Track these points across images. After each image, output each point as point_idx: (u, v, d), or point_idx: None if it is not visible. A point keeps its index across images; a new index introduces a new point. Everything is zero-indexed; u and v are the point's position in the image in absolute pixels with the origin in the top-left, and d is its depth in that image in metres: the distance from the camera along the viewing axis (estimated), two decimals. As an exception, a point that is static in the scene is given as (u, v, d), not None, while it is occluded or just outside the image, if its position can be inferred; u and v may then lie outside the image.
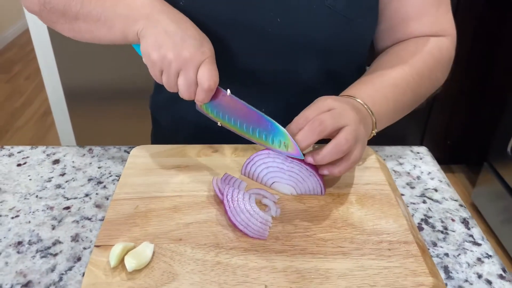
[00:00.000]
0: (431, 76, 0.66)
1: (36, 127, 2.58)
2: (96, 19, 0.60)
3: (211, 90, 0.56)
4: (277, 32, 0.63)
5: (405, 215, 0.56)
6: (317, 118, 0.53)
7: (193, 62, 0.55)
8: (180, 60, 0.55)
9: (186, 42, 0.55)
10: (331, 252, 0.50)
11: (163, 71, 0.57)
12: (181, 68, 0.55)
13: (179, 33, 0.55)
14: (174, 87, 0.57)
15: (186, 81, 0.56)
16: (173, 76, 0.56)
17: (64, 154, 0.70)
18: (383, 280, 0.47)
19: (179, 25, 0.56)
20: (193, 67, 0.55)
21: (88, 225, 0.57)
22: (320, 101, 0.56)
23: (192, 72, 0.55)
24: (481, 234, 0.57)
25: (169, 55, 0.55)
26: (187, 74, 0.55)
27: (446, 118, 2.08)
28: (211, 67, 0.55)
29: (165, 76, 0.57)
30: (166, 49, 0.55)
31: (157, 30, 0.56)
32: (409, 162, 0.70)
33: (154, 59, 0.56)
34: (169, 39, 0.55)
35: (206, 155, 0.66)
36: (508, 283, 0.50)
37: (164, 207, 0.56)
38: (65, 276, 0.50)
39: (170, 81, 0.57)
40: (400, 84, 0.63)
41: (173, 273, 0.48)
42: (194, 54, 0.55)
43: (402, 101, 0.64)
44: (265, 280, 0.47)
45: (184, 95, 0.57)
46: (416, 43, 0.67)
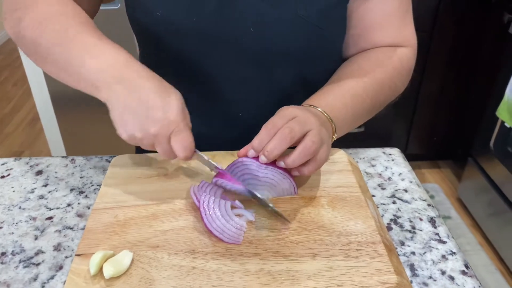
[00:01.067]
0: (390, 86, 0.70)
1: (25, 133, 2.58)
2: (63, 68, 0.57)
3: (188, 158, 0.56)
4: (251, 42, 0.65)
5: (374, 216, 0.59)
6: (286, 126, 0.55)
7: (162, 137, 0.54)
8: (149, 138, 0.54)
9: (149, 118, 0.53)
10: (302, 254, 0.53)
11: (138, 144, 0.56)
12: (153, 143, 0.55)
13: (140, 108, 0.53)
14: None
15: (163, 152, 0.56)
16: (150, 148, 0.56)
17: (47, 164, 0.72)
18: (350, 280, 0.50)
19: (139, 95, 0.53)
20: (164, 141, 0.54)
21: (70, 234, 0.59)
22: (284, 110, 0.58)
23: (166, 144, 0.55)
24: (447, 232, 0.60)
25: (138, 135, 0.54)
26: (161, 147, 0.55)
27: (431, 115, 2.12)
28: (181, 137, 0.54)
29: (144, 147, 0.56)
30: (132, 129, 0.54)
31: (120, 106, 0.54)
32: (381, 163, 0.73)
33: (125, 138, 0.55)
34: (131, 116, 0.53)
35: (185, 164, 0.68)
36: (470, 278, 0.53)
37: (142, 215, 0.58)
38: (47, 285, 0.52)
39: (150, 149, 0.57)
40: (360, 93, 0.66)
41: (150, 279, 0.50)
42: (160, 130, 0.53)
43: (361, 109, 0.67)
44: (238, 283, 0.50)
45: (166, 158, 0.58)
46: (378, 53, 0.70)
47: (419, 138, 2.16)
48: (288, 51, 0.67)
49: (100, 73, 0.54)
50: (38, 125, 2.57)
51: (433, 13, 1.86)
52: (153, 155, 0.69)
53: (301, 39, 0.66)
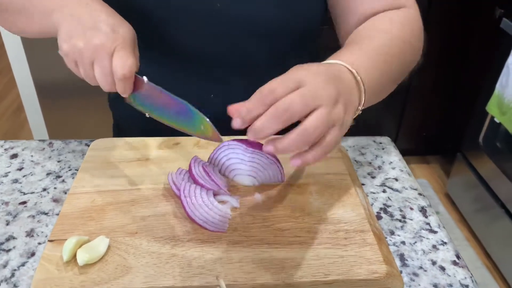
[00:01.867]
0: (410, 43, 0.61)
1: (9, 123, 2.52)
2: (17, 11, 0.59)
3: (127, 78, 0.51)
4: (221, 14, 0.63)
5: (363, 204, 0.57)
6: (284, 101, 0.42)
7: (104, 50, 0.50)
8: (90, 49, 0.50)
9: (96, 29, 0.51)
10: (288, 242, 0.50)
11: (77, 62, 0.53)
12: (94, 58, 0.51)
13: (90, 20, 0.52)
14: (93, 79, 0.53)
15: (101, 70, 0.51)
16: (88, 66, 0.52)
17: (23, 148, 0.69)
18: (338, 269, 0.48)
19: (90, 11, 0.52)
20: (106, 55, 0.50)
21: (44, 220, 0.56)
22: (292, 72, 0.46)
23: (106, 61, 0.50)
24: (438, 222, 0.58)
25: (79, 44, 0.51)
26: (101, 63, 0.51)
27: (421, 110, 2.11)
28: (124, 53, 0.50)
29: (81, 67, 0.53)
30: (76, 39, 0.51)
31: (68, 19, 0.53)
32: (371, 152, 0.71)
33: (65, 49, 0.52)
34: (79, 27, 0.52)
35: (168, 147, 0.65)
36: (461, 269, 0.51)
37: (122, 201, 0.55)
38: (18, 272, 0.49)
39: (87, 73, 0.53)
40: (387, 51, 0.56)
41: (127, 266, 0.47)
42: (105, 41, 0.50)
43: (390, 71, 0.57)
44: (220, 271, 0.47)
45: (104, 87, 0.53)
46: (384, 16, 0.62)
47: (408, 133, 2.15)
48: (258, 22, 0.64)
49: None
50: (23, 115, 2.51)
51: (424, 8, 1.85)
52: (134, 139, 0.66)
53: (271, 9, 0.64)
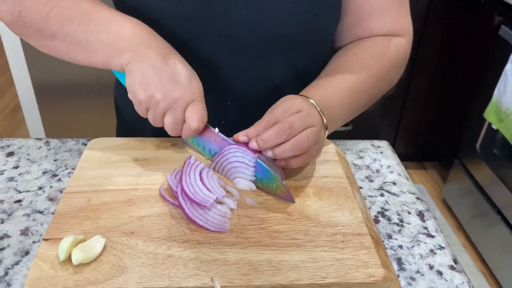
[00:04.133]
0: (386, 78, 0.68)
1: (6, 122, 2.51)
2: (76, 43, 0.56)
3: (199, 130, 0.56)
4: (244, 28, 0.63)
5: (361, 207, 0.56)
6: (287, 120, 0.54)
7: (182, 103, 0.54)
8: (168, 101, 0.53)
9: (174, 81, 0.53)
10: (285, 244, 0.50)
11: (149, 109, 0.55)
12: (169, 108, 0.54)
13: (167, 70, 0.53)
14: (160, 124, 0.56)
15: (173, 120, 0.55)
16: (160, 115, 0.55)
17: (19, 146, 0.68)
18: (335, 272, 0.47)
19: (167, 61, 0.54)
20: (181, 108, 0.54)
21: (39, 218, 0.55)
22: (289, 100, 0.56)
23: (180, 113, 0.54)
24: (436, 226, 0.58)
25: (157, 96, 0.53)
26: (175, 114, 0.54)
27: (418, 116, 2.11)
28: (200, 106, 0.55)
29: (151, 114, 0.55)
30: (153, 89, 0.53)
31: (144, 66, 0.53)
32: (369, 156, 0.70)
33: (140, 98, 0.54)
34: (156, 77, 0.53)
35: (165, 148, 0.65)
36: (458, 273, 0.51)
37: (118, 200, 0.55)
38: (11, 271, 0.49)
39: (156, 120, 0.56)
40: (357, 88, 0.64)
41: (123, 266, 0.47)
42: (183, 94, 0.54)
43: (357, 105, 0.66)
44: (216, 272, 0.47)
45: (171, 132, 0.56)
46: (375, 44, 0.68)
47: (405, 138, 2.15)
48: (279, 37, 0.65)
49: (126, 39, 0.55)
50: (19, 115, 2.50)
51: (423, 14, 1.85)
52: (132, 139, 0.66)
53: (293, 24, 0.64)
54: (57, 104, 1.81)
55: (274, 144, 0.54)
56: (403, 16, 0.70)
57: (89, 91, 1.74)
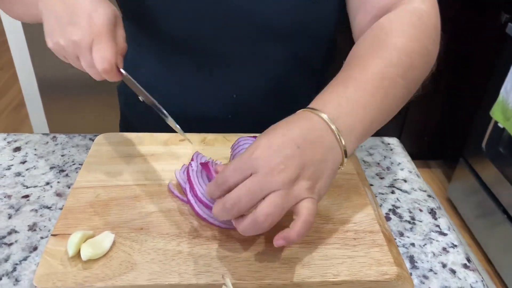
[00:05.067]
0: (421, 51, 0.53)
1: (10, 118, 2.51)
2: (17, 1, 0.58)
3: (108, 72, 0.50)
4: (243, 15, 0.62)
5: (372, 205, 0.56)
6: (231, 197, 0.42)
7: (83, 46, 0.49)
8: (71, 46, 0.50)
9: (72, 24, 0.50)
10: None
11: (65, 56, 0.53)
12: (77, 53, 0.51)
13: (65, 14, 0.50)
14: (86, 69, 0.52)
15: (86, 64, 0.51)
16: (75, 61, 0.52)
17: (26, 141, 0.67)
18: (347, 270, 0.47)
19: (66, 2, 0.51)
20: (86, 50, 0.50)
21: (47, 214, 0.55)
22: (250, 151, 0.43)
23: (88, 55, 0.50)
24: (448, 224, 0.57)
25: (61, 42, 0.51)
26: (84, 58, 0.51)
27: (423, 114, 2.10)
28: (101, 46, 0.49)
29: (70, 61, 0.53)
30: (57, 35, 0.51)
31: (47, 13, 0.52)
32: (379, 153, 0.70)
33: (51, 47, 0.52)
34: (57, 23, 0.51)
35: (174, 143, 0.64)
36: (471, 272, 0.50)
37: (127, 196, 0.54)
38: (19, 266, 0.48)
39: (77, 66, 0.53)
40: (388, 74, 0.49)
41: (132, 262, 0.46)
42: (82, 37, 0.49)
43: (391, 96, 0.50)
44: (227, 269, 0.46)
45: (95, 77, 0.53)
46: (391, 19, 0.56)
47: (411, 136, 2.14)
48: (279, 25, 0.63)
49: None
50: (23, 111, 2.50)
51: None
52: (140, 134, 0.65)
53: (292, 12, 0.63)
54: (61, 100, 1.81)
55: (227, 219, 0.44)
56: None
57: (93, 87, 1.74)
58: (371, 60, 0.50)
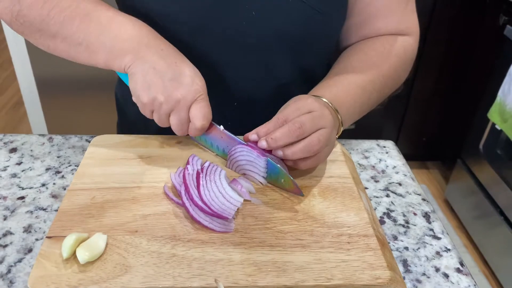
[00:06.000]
0: (395, 77, 0.68)
1: (8, 117, 2.51)
2: (77, 44, 0.56)
3: (204, 128, 0.56)
4: (251, 26, 0.62)
5: (367, 208, 0.56)
6: (298, 120, 0.53)
7: (185, 103, 0.54)
8: (171, 102, 0.53)
9: (176, 81, 0.53)
10: (290, 245, 0.50)
11: (154, 111, 0.55)
12: (172, 109, 0.54)
13: (169, 71, 0.53)
14: (166, 125, 0.57)
15: (179, 120, 0.55)
16: (165, 116, 0.55)
17: (22, 142, 0.68)
18: (341, 274, 0.47)
19: (168, 61, 0.54)
20: (185, 108, 0.54)
21: (42, 215, 0.55)
22: (301, 100, 0.56)
23: (184, 112, 0.54)
24: (442, 228, 0.57)
25: (160, 98, 0.53)
26: (179, 115, 0.54)
27: (422, 115, 2.10)
28: (204, 104, 0.54)
29: (156, 115, 0.56)
30: (156, 91, 0.53)
31: (145, 68, 0.53)
32: (374, 156, 0.70)
33: (144, 101, 0.54)
34: (158, 78, 0.53)
35: (169, 145, 0.65)
36: (464, 276, 0.51)
37: (122, 198, 0.55)
38: (14, 268, 0.48)
39: (162, 120, 0.56)
40: (367, 87, 0.64)
41: (127, 265, 0.46)
42: (186, 94, 0.53)
43: (367, 104, 0.65)
44: (221, 272, 0.46)
45: (178, 132, 0.56)
46: (383, 43, 0.68)
47: (408, 138, 2.14)
48: (286, 35, 0.64)
49: (127, 41, 0.54)
50: (22, 110, 2.50)
51: (428, 14, 1.84)
52: (136, 136, 0.66)
53: (300, 23, 0.63)
54: (59, 99, 1.81)
55: (284, 143, 0.53)
56: (409, 15, 0.70)
57: (91, 87, 1.74)
58: (358, 75, 0.64)
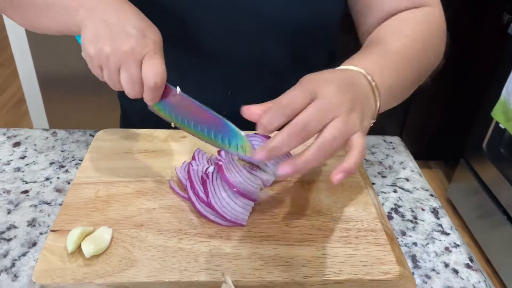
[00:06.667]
0: (431, 45, 0.60)
1: (10, 115, 2.50)
2: (39, 8, 0.55)
3: (158, 87, 0.49)
4: (244, 12, 0.61)
5: (374, 203, 0.55)
6: (302, 119, 0.42)
7: (134, 56, 0.48)
8: (118, 54, 0.48)
9: (125, 33, 0.49)
10: (297, 240, 0.49)
11: (102, 66, 0.50)
12: (121, 63, 0.48)
13: (119, 23, 0.49)
14: (117, 85, 0.50)
15: (129, 78, 0.48)
16: (114, 72, 0.50)
17: (26, 137, 0.67)
18: (349, 268, 0.46)
19: (119, 13, 0.50)
20: (134, 62, 0.48)
21: (46, 209, 0.54)
22: (310, 80, 0.45)
23: (135, 68, 0.48)
24: (450, 224, 0.56)
25: (106, 49, 0.48)
26: (129, 70, 0.48)
27: (424, 114, 2.09)
28: (156, 61, 0.48)
29: (106, 72, 0.50)
30: (103, 42, 0.48)
31: (96, 20, 0.50)
32: (381, 151, 0.69)
33: (91, 53, 0.49)
34: (107, 30, 0.49)
35: (174, 140, 0.64)
36: (474, 272, 0.50)
37: (127, 192, 0.54)
38: (18, 262, 0.47)
39: (112, 78, 0.50)
40: (405, 53, 0.55)
41: (132, 259, 0.46)
42: (135, 46, 0.48)
43: (409, 74, 0.55)
44: (227, 267, 0.46)
45: (130, 93, 0.50)
46: (406, 16, 0.61)
47: (411, 136, 2.13)
48: (279, 22, 0.63)
49: None
50: (23, 107, 2.49)
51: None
52: (140, 130, 0.65)
53: (293, 10, 0.62)
54: (61, 96, 1.80)
55: (287, 150, 0.42)
56: None
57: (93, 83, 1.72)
58: (392, 43, 0.55)
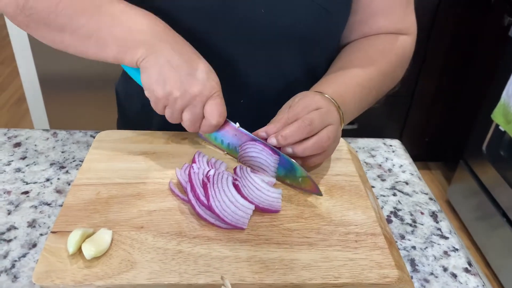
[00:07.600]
0: (393, 75, 0.69)
1: (10, 113, 2.50)
2: (86, 36, 0.54)
3: (220, 125, 0.55)
4: (260, 23, 0.62)
5: (374, 207, 0.55)
6: (307, 117, 0.53)
7: (201, 99, 0.53)
8: (187, 98, 0.53)
9: (192, 77, 0.52)
10: (297, 243, 0.49)
11: (167, 106, 0.54)
12: (187, 105, 0.53)
13: (185, 66, 0.52)
14: (177, 121, 0.56)
15: (192, 116, 0.54)
16: (178, 112, 0.54)
17: (27, 137, 0.67)
18: (348, 272, 0.46)
19: (183, 56, 0.53)
20: (200, 104, 0.53)
21: (46, 210, 0.55)
22: (308, 97, 0.56)
23: (199, 108, 0.53)
24: (449, 228, 0.57)
25: (175, 93, 0.52)
26: (194, 110, 0.54)
27: (424, 115, 2.09)
28: (220, 101, 0.54)
29: (169, 111, 0.55)
30: (171, 86, 0.52)
31: (160, 62, 0.52)
32: (381, 154, 0.69)
33: (158, 95, 0.53)
34: (174, 73, 0.52)
35: (175, 142, 0.64)
36: (473, 276, 0.50)
37: (128, 194, 0.54)
38: (18, 263, 0.48)
39: (174, 116, 0.55)
40: (367, 85, 0.64)
41: (132, 261, 0.46)
42: (202, 90, 0.53)
43: (366, 101, 0.66)
44: (227, 270, 0.46)
45: (189, 129, 0.56)
46: (383, 42, 0.68)
47: (411, 138, 2.13)
48: (294, 33, 0.64)
49: (140, 33, 0.53)
50: (24, 106, 2.49)
51: (432, 13, 1.83)
52: (141, 132, 0.65)
53: (308, 21, 0.63)
54: (62, 95, 1.81)
55: (294, 140, 0.53)
56: (409, 15, 0.71)
57: (94, 83, 1.73)
58: (358, 72, 0.64)
